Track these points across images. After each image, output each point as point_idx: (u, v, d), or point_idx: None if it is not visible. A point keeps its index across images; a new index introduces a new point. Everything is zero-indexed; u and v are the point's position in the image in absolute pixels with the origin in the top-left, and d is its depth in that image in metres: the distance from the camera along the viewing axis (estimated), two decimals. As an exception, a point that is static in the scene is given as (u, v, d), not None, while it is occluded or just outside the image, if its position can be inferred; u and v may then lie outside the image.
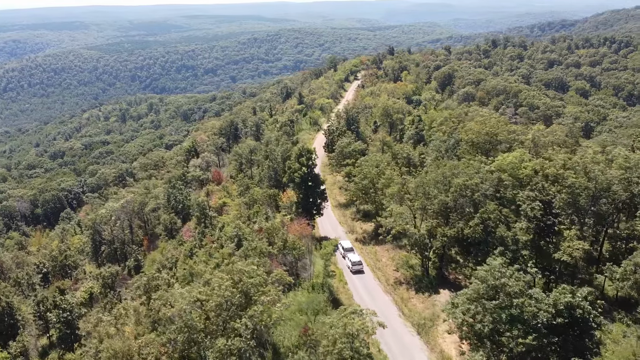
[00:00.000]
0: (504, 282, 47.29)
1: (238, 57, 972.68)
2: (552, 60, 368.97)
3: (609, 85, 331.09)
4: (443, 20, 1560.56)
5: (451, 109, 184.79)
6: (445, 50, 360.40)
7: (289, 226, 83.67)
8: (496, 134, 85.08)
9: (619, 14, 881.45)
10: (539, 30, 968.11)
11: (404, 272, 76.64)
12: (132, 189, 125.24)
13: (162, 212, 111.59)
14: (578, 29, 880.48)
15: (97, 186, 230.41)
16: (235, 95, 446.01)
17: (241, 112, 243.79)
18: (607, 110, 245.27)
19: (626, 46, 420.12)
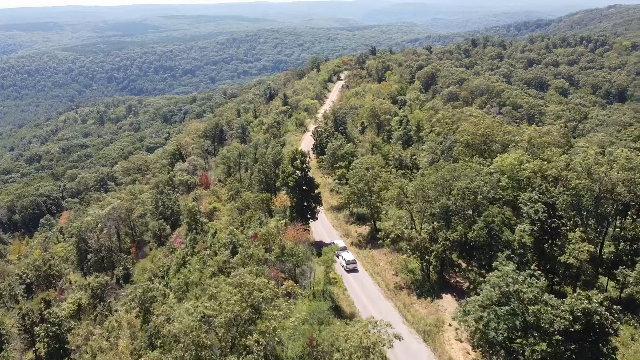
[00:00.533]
0: (518, 288, 46.26)
1: (217, 57, 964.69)
2: (532, 59, 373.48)
3: (587, 84, 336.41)
4: (421, 20, 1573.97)
5: (437, 109, 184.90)
6: (426, 49, 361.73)
7: (285, 231, 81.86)
8: (491, 135, 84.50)
9: (592, 13, 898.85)
10: (515, 29, 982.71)
11: (404, 277, 75.42)
12: (118, 194, 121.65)
13: (150, 219, 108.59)
14: (553, 28, 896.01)
15: (78, 191, 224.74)
16: (216, 96, 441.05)
17: (224, 114, 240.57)
18: (587, 108, 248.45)
19: (602, 45, 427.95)
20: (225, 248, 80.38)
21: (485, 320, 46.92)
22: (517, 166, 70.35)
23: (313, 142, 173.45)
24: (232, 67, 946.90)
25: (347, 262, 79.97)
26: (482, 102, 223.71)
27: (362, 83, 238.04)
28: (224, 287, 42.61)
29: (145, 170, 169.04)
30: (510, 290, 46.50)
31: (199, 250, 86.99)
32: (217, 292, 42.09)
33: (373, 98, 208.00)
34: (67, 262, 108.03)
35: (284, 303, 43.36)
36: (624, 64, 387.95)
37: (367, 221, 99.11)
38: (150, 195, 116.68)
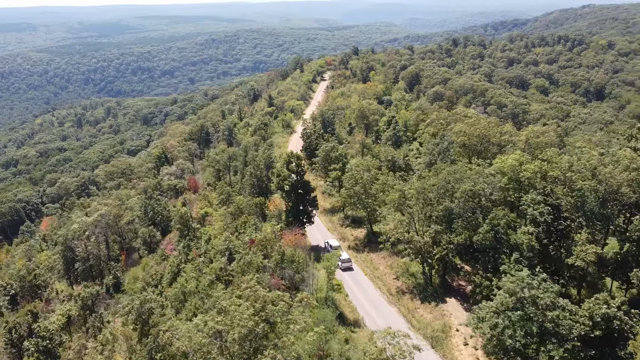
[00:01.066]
0: (534, 294, 45.38)
1: (196, 58, 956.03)
2: (512, 58, 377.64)
3: (567, 83, 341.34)
4: (399, 20, 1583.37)
5: (424, 109, 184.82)
6: (408, 49, 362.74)
7: (283, 237, 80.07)
8: (488, 136, 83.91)
9: (567, 13, 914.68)
10: (492, 29, 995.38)
11: (406, 281, 74.28)
12: (105, 200, 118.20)
13: (139, 225, 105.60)
14: (530, 27, 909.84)
15: (58, 196, 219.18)
16: (197, 98, 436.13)
17: (208, 116, 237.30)
18: (569, 107, 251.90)
19: (579, 44, 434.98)
20: (221, 255, 78.22)
21: (501, 327, 45.91)
22: (518, 167, 69.65)
23: (301, 143, 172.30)
24: (211, 68, 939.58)
25: (342, 261, 79.78)
26: (466, 101, 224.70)
27: (347, 83, 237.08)
28: (235, 301, 40.68)
29: (129, 174, 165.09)
30: (526, 296, 45.58)
31: (193, 258, 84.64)
32: (227, 305, 40.14)
33: (359, 99, 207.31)
34: (52, 271, 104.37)
35: (300, 316, 41.60)
36: (602, 62, 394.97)
37: (362, 224, 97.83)
38: (138, 200, 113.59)
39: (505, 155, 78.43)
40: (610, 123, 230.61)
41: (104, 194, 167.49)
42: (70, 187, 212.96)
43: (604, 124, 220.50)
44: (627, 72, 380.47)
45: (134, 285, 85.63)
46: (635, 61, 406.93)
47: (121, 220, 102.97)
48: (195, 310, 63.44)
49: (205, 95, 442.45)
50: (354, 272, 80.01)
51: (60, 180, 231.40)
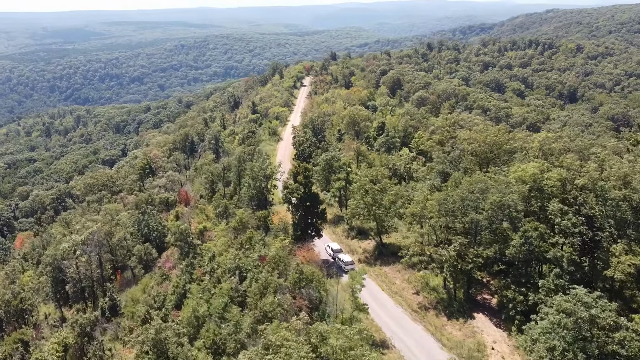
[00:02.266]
0: (594, 313, 42.98)
1: (165, 64, 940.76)
2: (487, 62, 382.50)
3: (541, 85, 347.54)
4: (368, 25, 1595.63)
5: (411, 114, 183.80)
6: (386, 54, 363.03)
7: (295, 252, 76.35)
8: (499, 143, 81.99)
9: (532, 17, 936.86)
10: (461, 33, 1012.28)
11: (427, 296, 71.37)
12: (93, 216, 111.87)
13: (132, 242, 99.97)
14: (497, 31, 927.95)
15: (32, 210, 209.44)
16: (170, 105, 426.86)
17: (189, 123, 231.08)
18: (548, 110, 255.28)
19: (549, 48, 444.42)
20: (230, 274, 73.94)
21: (559, 349, 43.32)
22: (539, 175, 67.74)
23: (289, 151, 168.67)
24: (181, 74, 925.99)
25: (345, 263, 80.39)
26: (450, 105, 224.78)
27: (329, 89, 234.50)
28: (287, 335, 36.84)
29: (111, 187, 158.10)
30: (584, 316, 43.14)
31: (197, 277, 79.99)
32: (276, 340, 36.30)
33: (344, 104, 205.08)
34: (39, 293, 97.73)
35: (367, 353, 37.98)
36: (572, 65, 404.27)
37: (369, 235, 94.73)
38: (128, 215, 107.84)
39: (521, 162, 76.58)
40: (590, 125, 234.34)
41: (84, 208, 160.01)
42: (45, 201, 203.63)
43: (584, 126, 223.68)
44: (597, 75, 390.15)
45: (133, 307, 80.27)
46: (604, 64, 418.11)
47: (113, 237, 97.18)
48: (214, 337, 59.07)
49: (180, 102, 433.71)
50: (369, 287, 76.70)
51: (33, 193, 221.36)
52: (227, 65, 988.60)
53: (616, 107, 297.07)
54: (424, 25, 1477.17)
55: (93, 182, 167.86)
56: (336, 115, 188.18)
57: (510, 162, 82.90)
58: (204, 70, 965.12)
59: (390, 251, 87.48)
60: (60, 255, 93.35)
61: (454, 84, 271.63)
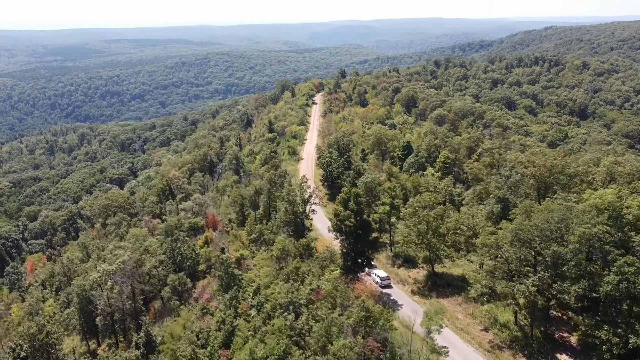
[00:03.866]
0: None
1: (166, 81, 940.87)
2: (496, 79, 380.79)
3: (552, 103, 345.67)
4: (366, 42, 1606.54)
5: (435, 132, 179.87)
6: (395, 71, 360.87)
7: (353, 285, 71.11)
8: (561, 167, 77.32)
9: (531, 34, 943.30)
10: (460, 50, 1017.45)
11: (498, 333, 65.98)
12: (120, 243, 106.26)
13: (162, 271, 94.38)
14: (496, 48, 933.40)
15: (42, 232, 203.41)
16: (176, 122, 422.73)
17: (201, 142, 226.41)
18: (565, 127, 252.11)
19: (555, 65, 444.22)
20: (283, 309, 68.53)
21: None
22: (619, 203, 63.00)
23: (312, 171, 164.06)
24: (182, 91, 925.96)
25: (382, 279, 79.88)
26: (468, 123, 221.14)
27: (345, 107, 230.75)
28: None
29: (128, 209, 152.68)
30: None
31: (243, 311, 74.50)
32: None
33: (362, 123, 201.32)
34: (67, 327, 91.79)
35: None
36: (580, 82, 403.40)
37: (415, 264, 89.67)
38: (157, 242, 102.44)
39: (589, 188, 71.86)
40: (609, 143, 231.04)
41: (99, 231, 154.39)
42: (55, 222, 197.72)
43: (605, 144, 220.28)
44: (606, 92, 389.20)
45: (174, 344, 74.53)
46: (612, 80, 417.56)
47: (143, 266, 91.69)
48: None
49: (185, 119, 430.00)
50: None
51: (42, 213, 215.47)
52: (228, 82, 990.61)
53: (630, 124, 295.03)
54: (422, 42, 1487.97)
55: (108, 203, 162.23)
56: (356, 134, 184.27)
57: (571, 187, 78.21)
58: (205, 87, 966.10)
59: (445, 281, 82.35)
60: (89, 286, 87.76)
61: (468, 101, 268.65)
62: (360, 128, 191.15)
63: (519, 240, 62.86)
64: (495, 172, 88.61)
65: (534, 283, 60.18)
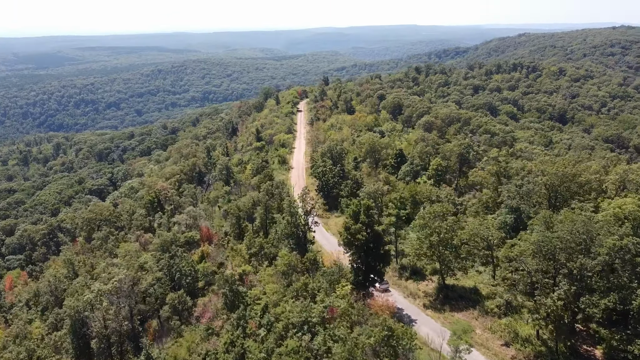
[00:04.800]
0: None
1: (142, 89, 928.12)
2: (477, 85, 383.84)
3: (532, 108, 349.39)
4: (343, 49, 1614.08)
5: (426, 140, 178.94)
6: (377, 78, 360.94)
7: (370, 303, 68.28)
8: (573, 176, 76.01)
9: (505, 41, 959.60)
10: (436, 57, 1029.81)
11: (521, 349, 63.95)
12: (113, 260, 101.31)
13: (159, 288, 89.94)
14: (472, 55, 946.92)
15: (20, 246, 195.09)
16: (155, 131, 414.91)
17: (184, 152, 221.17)
18: (549, 133, 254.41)
19: (533, 71, 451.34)
20: (297, 329, 65.27)
21: None
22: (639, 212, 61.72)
23: (303, 180, 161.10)
24: (159, 99, 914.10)
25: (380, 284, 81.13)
26: (455, 130, 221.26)
27: (332, 115, 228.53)
28: None
29: (114, 222, 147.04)
30: None
31: (252, 331, 70.91)
32: None
33: (351, 131, 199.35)
34: (59, 351, 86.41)
35: None
36: (558, 88, 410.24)
37: (423, 275, 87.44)
38: (152, 258, 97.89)
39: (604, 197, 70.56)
40: (592, 148, 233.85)
41: (82, 245, 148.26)
42: (35, 236, 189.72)
43: (588, 149, 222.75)
44: (584, 97, 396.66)
45: (178, 368, 70.42)
46: (588, 86, 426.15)
47: (140, 284, 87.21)
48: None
49: (164, 128, 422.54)
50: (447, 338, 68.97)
51: (20, 227, 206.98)
52: (205, 89, 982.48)
53: (609, 129, 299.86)
54: (398, 49, 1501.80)
55: (92, 216, 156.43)
56: (346, 142, 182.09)
57: (583, 196, 76.96)
58: (182, 95, 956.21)
59: (457, 294, 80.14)
60: (82, 307, 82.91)
61: (453, 108, 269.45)
62: (349, 136, 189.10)
63: (541, 252, 61.04)
64: (505, 181, 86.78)
65: (560, 297, 58.33)
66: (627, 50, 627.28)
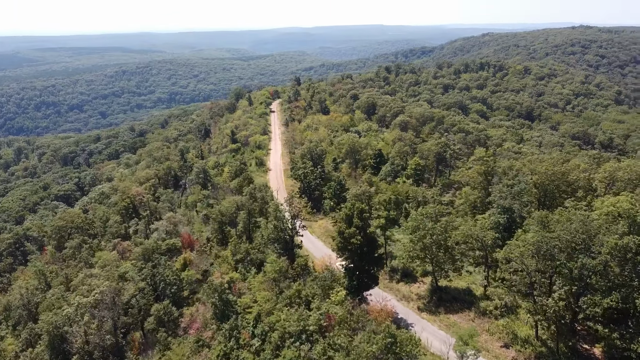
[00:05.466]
0: None
1: (106, 91, 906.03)
2: (446, 84, 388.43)
3: (501, 107, 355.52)
4: (310, 49, 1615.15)
5: (404, 139, 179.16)
6: (349, 78, 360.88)
7: (368, 309, 66.67)
8: (562, 174, 76.24)
9: (470, 40, 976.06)
10: (403, 56, 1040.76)
11: (521, 350, 63.44)
12: (91, 270, 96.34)
13: (142, 299, 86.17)
14: (438, 54, 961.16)
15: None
16: (122, 134, 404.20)
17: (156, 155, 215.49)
18: (520, 131, 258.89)
19: (500, 70, 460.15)
20: (294, 339, 63.16)
21: None
22: (633, 210, 62.10)
23: (282, 182, 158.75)
24: (124, 101, 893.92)
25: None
26: (430, 129, 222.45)
27: (306, 115, 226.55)
28: None
29: (87, 229, 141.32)
30: None
31: (245, 342, 68.40)
32: None
33: (328, 131, 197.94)
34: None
35: None
36: (524, 86, 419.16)
37: (414, 278, 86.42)
38: (134, 267, 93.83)
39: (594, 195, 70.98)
40: (562, 145, 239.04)
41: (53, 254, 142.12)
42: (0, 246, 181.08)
43: (559, 146, 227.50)
44: (549, 95, 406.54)
45: (168, 384, 67.29)
46: (552, 84, 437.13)
47: (122, 295, 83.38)
48: None
49: (132, 130, 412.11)
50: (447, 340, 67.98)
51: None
52: (172, 90, 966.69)
53: (575, 126, 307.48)
54: (365, 49, 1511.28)
55: (62, 224, 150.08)
56: (324, 143, 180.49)
57: (573, 195, 77.34)
58: (148, 96, 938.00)
59: (451, 296, 79.37)
60: (62, 322, 78.67)
61: (425, 107, 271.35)
62: (327, 136, 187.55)
63: (539, 252, 60.68)
64: (496, 181, 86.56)
65: (560, 297, 58.10)
66: (586, 49, 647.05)
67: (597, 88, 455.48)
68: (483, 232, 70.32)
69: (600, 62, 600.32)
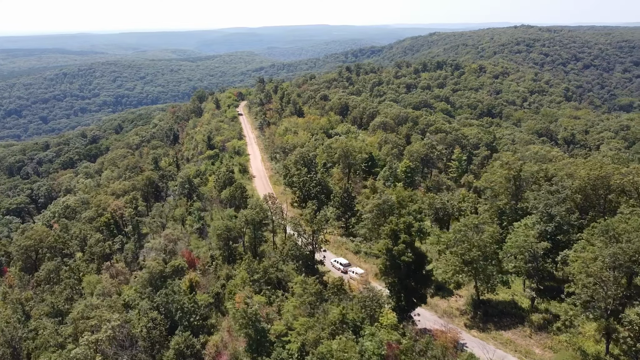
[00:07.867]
0: None
1: (47, 94, 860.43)
2: (409, 84, 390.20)
3: (464, 105, 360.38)
4: (258, 49, 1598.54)
5: (391, 142, 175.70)
6: (312, 78, 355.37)
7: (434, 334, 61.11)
8: (606, 178, 73.45)
9: (418, 40, 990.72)
10: (352, 56, 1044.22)
11: (595, 368, 59.87)
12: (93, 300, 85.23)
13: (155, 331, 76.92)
14: (387, 53, 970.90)
15: None
16: (74, 140, 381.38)
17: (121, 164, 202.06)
18: (490, 129, 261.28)
19: (457, 69, 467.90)
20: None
21: None
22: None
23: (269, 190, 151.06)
24: (66, 105, 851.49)
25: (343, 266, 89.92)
26: (407, 129, 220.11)
27: (281, 118, 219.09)
28: None
29: (62, 249, 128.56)
30: None
31: (292, 379, 61.28)
32: None
33: (308, 135, 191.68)
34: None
35: None
36: (482, 84, 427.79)
37: (450, 291, 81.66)
38: (136, 294, 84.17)
39: None
40: (533, 142, 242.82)
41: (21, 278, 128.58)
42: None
43: (527, 143, 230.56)
44: (506, 93, 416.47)
45: None
46: (508, 82, 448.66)
47: (134, 329, 74.01)
48: None
49: (84, 136, 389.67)
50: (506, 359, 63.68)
51: None
52: (118, 93, 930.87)
53: (537, 123, 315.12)
54: (313, 49, 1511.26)
55: (30, 243, 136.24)
56: (307, 147, 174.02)
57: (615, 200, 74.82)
58: (92, 99, 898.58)
59: (497, 310, 75.19)
60: (68, 364, 68.73)
61: (396, 107, 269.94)
62: (308, 140, 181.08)
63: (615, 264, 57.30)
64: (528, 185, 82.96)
65: None
66: (531, 47, 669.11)
67: (548, 85, 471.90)
68: (535, 243, 66.32)
69: (545, 60, 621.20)
